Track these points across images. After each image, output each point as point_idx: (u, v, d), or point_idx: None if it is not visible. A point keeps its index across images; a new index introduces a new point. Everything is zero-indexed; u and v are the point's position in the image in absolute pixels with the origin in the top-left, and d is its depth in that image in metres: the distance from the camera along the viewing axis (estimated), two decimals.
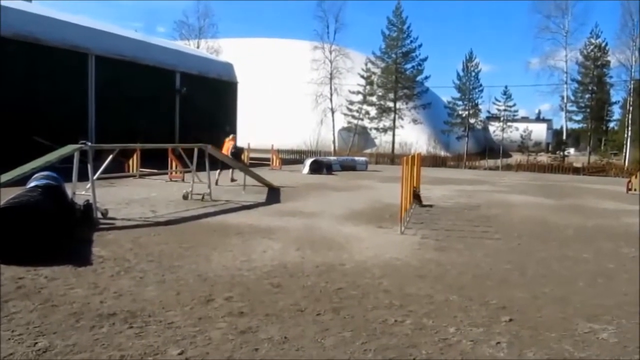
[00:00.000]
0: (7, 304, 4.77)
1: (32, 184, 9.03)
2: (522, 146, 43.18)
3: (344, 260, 6.97)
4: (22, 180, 8.87)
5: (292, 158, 39.39)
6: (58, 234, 7.09)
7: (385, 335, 4.37)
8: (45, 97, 22.53)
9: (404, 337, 4.35)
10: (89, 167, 9.72)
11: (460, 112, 46.51)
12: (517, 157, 42.28)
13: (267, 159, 29.60)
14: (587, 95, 46.07)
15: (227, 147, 17.81)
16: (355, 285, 5.79)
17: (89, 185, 9.70)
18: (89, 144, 10.67)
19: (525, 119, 61.88)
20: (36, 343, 3.94)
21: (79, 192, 9.69)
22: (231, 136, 19.62)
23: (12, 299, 4.91)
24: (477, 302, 5.36)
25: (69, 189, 9.57)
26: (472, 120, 46.41)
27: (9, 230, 6.32)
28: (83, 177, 9.91)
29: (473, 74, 45.69)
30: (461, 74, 46.02)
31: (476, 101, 46.34)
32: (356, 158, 32.09)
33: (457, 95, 46.55)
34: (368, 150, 44.21)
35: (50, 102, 22.72)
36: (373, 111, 45.74)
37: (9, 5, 23.00)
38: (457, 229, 9.84)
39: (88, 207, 9.26)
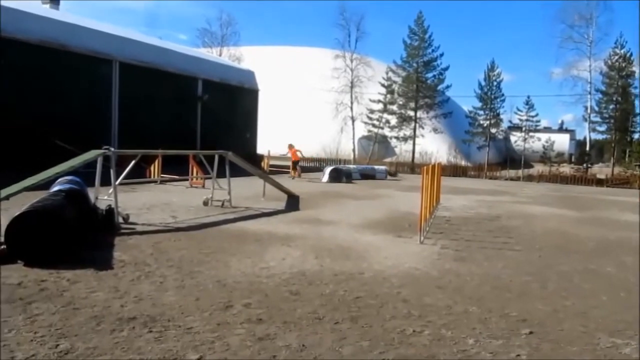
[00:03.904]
0: (30, 305, 4.85)
1: (55, 188, 9.18)
2: (544, 157, 42.64)
3: (363, 269, 6.95)
4: (46, 184, 9.02)
5: (312, 166, 39.45)
6: (80, 237, 7.19)
7: (403, 345, 4.35)
8: (69, 103, 22.92)
9: (422, 348, 4.33)
10: (112, 172, 9.85)
11: (481, 122, 46.12)
12: (538, 168, 41.77)
13: (287, 167, 29.67)
14: (612, 106, 45.39)
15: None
16: (374, 295, 5.77)
17: (111, 190, 9.83)
18: (112, 149, 10.82)
19: (547, 129, 61.11)
20: (58, 345, 3.99)
21: (102, 197, 9.83)
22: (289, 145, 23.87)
23: (35, 300, 4.99)
24: (497, 313, 5.30)
25: (91, 193, 9.72)
26: (493, 130, 45.98)
27: (33, 233, 6.43)
28: (105, 182, 10.05)
29: (495, 83, 45.33)
30: (483, 83, 45.69)
31: (498, 111, 45.92)
32: (376, 167, 32.00)
33: (479, 104, 46.19)
34: (388, 159, 44.06)
35: (74, 107, 23.11)
36: (393, 120, 45.62)
37: (36, 12, 23.52)
38: (477, 240, 9.76)
39: (110, 211, 9.38)
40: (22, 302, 4.94)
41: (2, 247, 6.44)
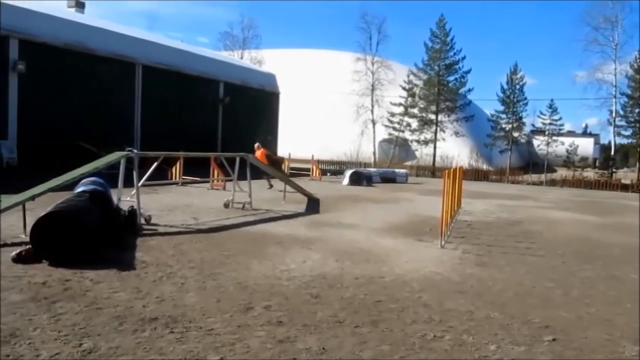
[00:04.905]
0: (55, 304, 4.92)
1: (80, 189, 9.30)
2: (568, 161, 42.10)
3: (383, 273, 6.93)
4: (70, 185, 9.15)
5: (332, 169, 39.45)
6: (103, 238, 7.28)
7: (424, 351, 4.32)
8: (93, 105, 23.25)
9: (443, 353, 4.29)
10: (134, 173, 9.97)
11: (503, 126, 45.70)
12: (562, 173, 41.22)
13: (307, 169, 29.72)
14: (637, 110, 44.59)
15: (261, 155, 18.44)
16: (395, 299, 5.74)
17: (133, 191, 9.95)
18: (135, 151, 10.94)
19: (571, 133, 60.22)
20: (81, 344, 4.05)
21: (124, 198, 9.94)
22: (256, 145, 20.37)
23: (59, 300, 5.06)
24: (519, 320, 5.24)
25: (114, 194, 9.83)
26: (515, 134, 45.53)
27: (58, 234, 6.53)
28: (128, 183, 10.17)
29: (517, 86, 44.93)
30: (505, 86, 45.33)
31: (520, 114, 45.51)
32: (396, 170, 31.87)
33: (501, 108, 45.82)
34: (408, 163, 43.86)
35: (98, 109, 23.44)
36: (414, 123, 45.44)
37: (61, 16, 23.93)
38: (499, 245, 9.66)
39: (132, 213, 9.48)
40: (46, 301, 5.01)
41: (28, 247, 6.55)
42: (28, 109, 20.78)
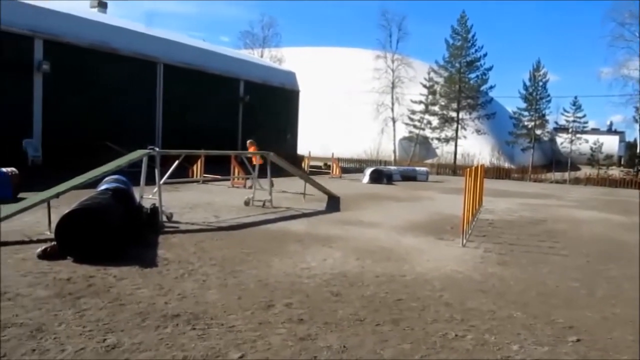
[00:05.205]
0: (79, 300, 4.99)
1: (103, 186, 9.42)
2: (592, 159, 41.45)
3: (404, 272, 6.90)
4: (94, 183, 9.28)
5: (353, 167, 39.39)
6: (126, 235, 7.37)
7: (446, 350, 4.29)
8: (116, 104, 23.54)
9: (464, 353, 4.26)
10: (156, 171, 10.06)
11: (526, 123, 45.15)
12: (586, 171, 40.63)
13: (328, 167, 29.71)
14: None
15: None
16: (415, 297, 5.71)
17: (155, 189, 10.05)
18: (157, 149, 11.04)
19: (595, 131, 59.33)
20: (105, 339, 4.10)
21: (146, 196, 10.04)
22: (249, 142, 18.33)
23: (83, 296, 5.14)
24: (542, 320, 5.17)
25: (136, 192, 9.94)
26: (538, 132, 44.94)
27: (82, 231, 6.62)
28: (150, 181, 10.27)
29: (540, 83, 44.35)
30: (528, 83, 44.78)
31: (543, 112, 44.91)
32: (417, 168, 31.71)
33: (523, 105, 45.26)
34: (429, 161, 43.61)
35: (121, 108, 23.72)
36: (435, 121, 45.13)
37: (85, 16, 24.25)
38: (521, 244, 9.55)
39: (154, 210, 9.58)
40: (71, 297, 5.09)
41: (53, 243, 6.66)
42: (52, 108, 21.11)
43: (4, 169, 12.13)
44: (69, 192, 8.52)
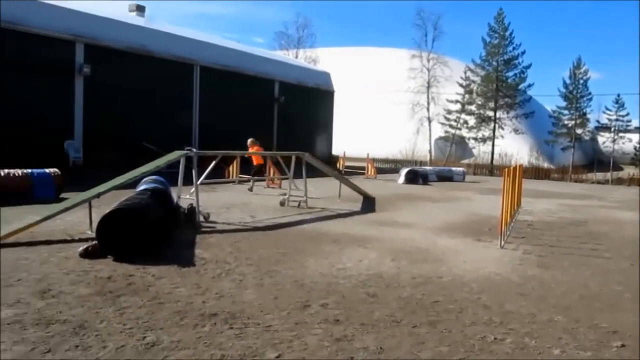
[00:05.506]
0: (119, 298, 5.09)
1: (141, 187, 9.63)
2: (636, 158, 40.28)
3: (441, 273, 6.81)
4: (133, 183, 9.48)
5: (388, 167, 39.17)
6: (164, 235, 7.49)
7: (484, 353, 4.22)
8: (153, 106, 23.97)
9: (504, 356, 4.18)
10: (194, 172, 10.21)
11: (566, 122, 44.20)
12: (629, 171, 39.45)
13: (362, 168, 29.64)
14: None
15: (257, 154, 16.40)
16: (453, 299, 5.64)
17: (192, 189, 10.19)
18: (194, 150, 11.19)
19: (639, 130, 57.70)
20: (145, 337, 4.17)
21: (184, 196, 10.19)
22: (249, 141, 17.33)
23: (123, 294, 5.24)
24: (585, 324, 5.04)
25: (174, 192, 10.09)
26: (579, 131, 43.90)
27: (122, 230, 6.76)
28: (187, 181, 10.41)
29: (581, 81, 43.32)
30: (568, 81, 43.80)
31: (584, 110, 43.88)
32: (453, 168, 31.34)
33: (563, 104, 44.33)
34: (465, 161, 43.07)
35: (158, 110, 24.14)
36: (471, 120, 44.54)
37: (123, 20, 24.76)
38: (562, 245, 9.33)
39: (191, 210, 9.71)
40: (111, 295, 5.20)
41: (94, 242, 6.81)
42: (92, 110, 21.62)
43: (47, 170, 12.49)
44: (109, 192, 8.71)
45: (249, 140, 17.33)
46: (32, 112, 19.37)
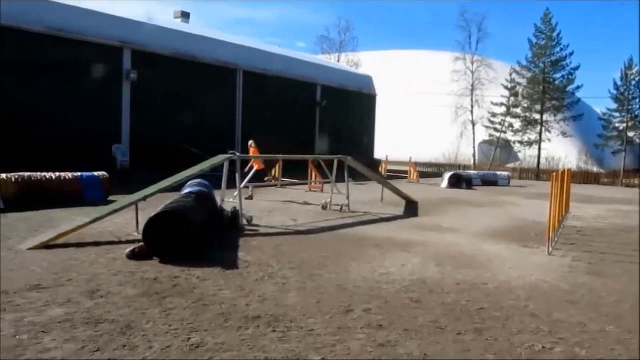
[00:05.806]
0: (165, 300, 5.18)
1: (186, 190, 9.79)
2: None
3: (486, 279, 6.67)
4: (178, 187, 9.65)
5: (431, 171, 38.75)
6: (208, 238, 7.60)
7: None
8: (198, 110, 24.37)
9: None
10: (237, 176, 10.32)
11: (617, 125, 42.81)
12: None
13: (405, 172, 29.41)
14: None
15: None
16: (499, 307, 5.51)
17: (236, 193, 10.30)
18: (237, 154, 11.32)
19: None
20: (189, 338, 4.22)
21: (227, 200, 10.31)
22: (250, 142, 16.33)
23: (169, 295, 5.33)
24: (638, 335, 4.84)
25: (218, 196, 10.23)
26: (631, 134, 42.44)
27: (168, 232, 6.88)
28: (231, 185, 10.53)
29: (633, 82, 41.89)
30: (619, 83, 42.43)
31: (636, 113, 42.38)
32: (498, 173, 30.75)
33: (614, 106, 42.98)
34: (511, 165, 42.21)
35: (202, 114, 24.54)
36: (517, 124, 43.66)
37: (169, 27, 25.31)
38: (613, 253, 9.00)
39: (235, 213, 9.81)
40: (157, 296, 5.29)
41: (141, 244, 6.96)
42: (139, 115, 22.16)
43: (96, 173, 12.86)
44: (155, 195, 8.89)
45: (249, 143, 16.32)
46: (82, 117, 19.97)
